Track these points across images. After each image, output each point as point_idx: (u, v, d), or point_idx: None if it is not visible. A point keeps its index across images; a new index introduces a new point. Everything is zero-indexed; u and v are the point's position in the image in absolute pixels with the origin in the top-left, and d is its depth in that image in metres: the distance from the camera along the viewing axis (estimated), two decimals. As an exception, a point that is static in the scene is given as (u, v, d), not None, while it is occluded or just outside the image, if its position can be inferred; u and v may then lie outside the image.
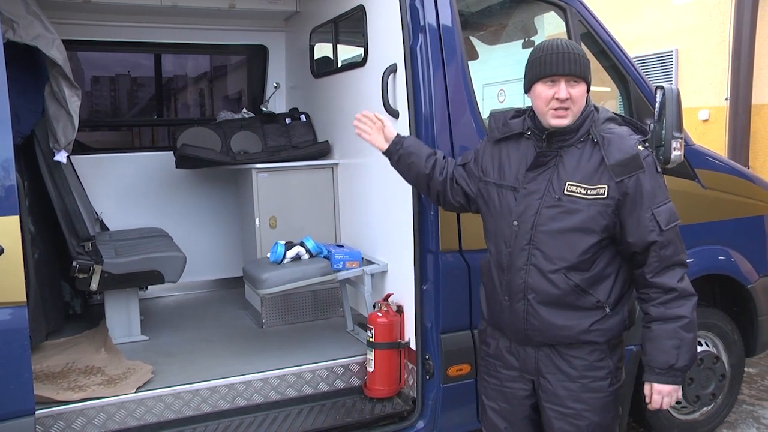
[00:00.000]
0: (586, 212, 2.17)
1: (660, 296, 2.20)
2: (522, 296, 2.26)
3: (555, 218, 2.20)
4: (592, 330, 2.23)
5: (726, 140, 7.46)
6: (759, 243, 3.94)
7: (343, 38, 4.20)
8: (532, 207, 2.23)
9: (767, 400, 4.44)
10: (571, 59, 2.16)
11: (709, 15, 7.70)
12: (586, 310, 2.23)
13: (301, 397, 3.24)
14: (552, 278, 2.20)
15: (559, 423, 2.31)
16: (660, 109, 3.22)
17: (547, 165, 2.25)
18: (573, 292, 2.20)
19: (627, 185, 2.15)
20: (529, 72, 2.24)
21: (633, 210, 2.16)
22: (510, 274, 2.28)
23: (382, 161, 3.54)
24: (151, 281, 3.91)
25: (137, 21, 4.70)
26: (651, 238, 2.16)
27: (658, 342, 2.20)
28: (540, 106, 2.22)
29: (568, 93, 2.15)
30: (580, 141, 2.23)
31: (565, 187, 2.20)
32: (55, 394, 2.93)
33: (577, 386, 2.27)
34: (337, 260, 3.66)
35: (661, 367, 2.20)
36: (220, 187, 5.01)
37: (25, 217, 3.28)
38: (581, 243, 2.18)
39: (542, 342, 2.29)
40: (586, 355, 2.27)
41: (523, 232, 2.24)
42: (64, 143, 3.62)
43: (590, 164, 2.19)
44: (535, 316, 2.24)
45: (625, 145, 2.19)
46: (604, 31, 3.43)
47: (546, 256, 2.21)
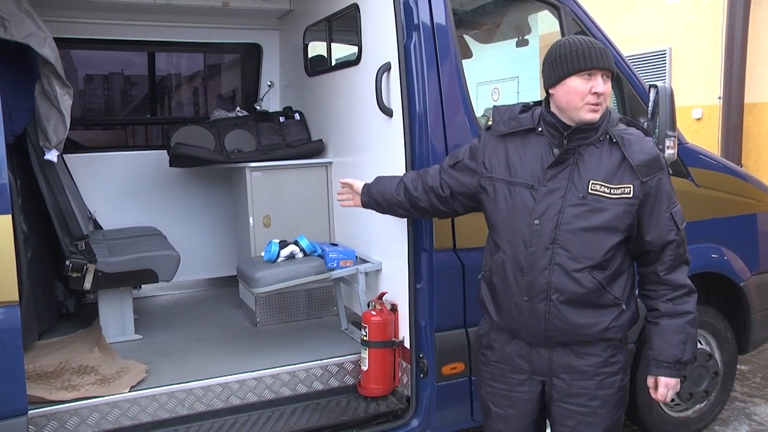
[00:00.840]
0: (612, 211, 2.17)
1: (669, 293, 2.26)
2: (545, 296, 2.22)
3: (581, 216, 2.18)
4: (611, 327, 2.24)
5: (719, 139, 7.49)
6: (751, 241, 3.96)
7: (337, 37, 4.19)
8: (555, 205, 2.20)
9: (759, 397, 4.46)
10: (606, 54, 2.16)
11: (702, 14, 7.73)
12: (606, 308, 2.23)
13: (295, 395, 3.24)
14: (577, 277, 2.18)
15: (573, 420, 2.29)
16: (653, 107, 3.23)
17: (566, 163, 2.22)
18: (596, 290, 2.20)
19: (650, 185, 2.19)
20: (560, 66, 2.18)
21: (653, 210, 2.20)
22: (532, 274, 2.23)
23: (375, 160, 3.56)
24: (145, 280, 3.90)
25: (130, 19, 4.68)
26: (670, 237, 2.22)
27: (667, 336, 2.25)
28: (574, 100, 2.16)
29: (603, 88, 2.15)
30: (599, 140, 2.22)
31: (588, 185, 2.18)
32: (48, 394, 2.91)
33: (593, 384, 2.27)
34: (332, 259, 3.65)
35: (669, 360, 2.26)
36: (214, 186, 5.00)
37: (17, 216, 3.26)
38: (607, 241, 2.18)
39: (560, 342, 2.27)
40: (600, 352, 2.27)
41: (547, 231, 2.20)
42: (55, 142, 3.60)
43: (611, 163, 2.19)
44: (558, 316, 2.21)
45: (647, 147, 2.22)
46: (597, 29, 3.44)
47: (571, 255, 2.18)
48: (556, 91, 2.21)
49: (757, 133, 7.35)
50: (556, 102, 2.24)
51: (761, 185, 4.11)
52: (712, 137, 7.59)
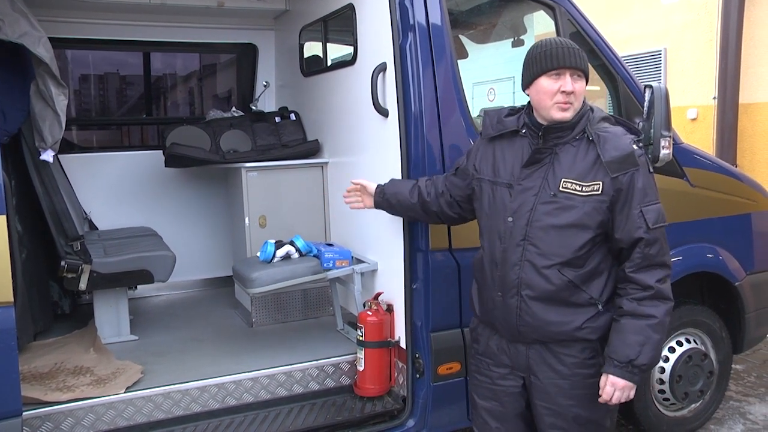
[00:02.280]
0: (582, 208, 2.19)
1: (636, 292, 2.21)
2: (516, 292, 2.27)
3: (551, 214, 2.22)
4: (584, 327, 2.25)
5: (714, 139, 7.52)
6: (746, 241, 3.97)
7: (332, 37, 4.19)
8: (528, 203, 2.25)
9: (754, 396, 4.48)
10: (575, 54, 2.20)
11: (697, 15, 7.76)
12: (579, 307, 2.24)
13: (291, 396, 3.24)
14: (546, 273, 2.22)
15: (550, 419, 2.33)
16: (649, 107, 3.23)
17: (542, 162, 2.26)
18: (566, 288, 2.22)
19: (621, 182, 2.18)
20: (531, 67, 2.25)
21: (623, 206, 2.19)
22: (504, 269, 2.29)
23: (371, 160, 3.56)
24: (141, 281, 3.89)
25: (125, 19, 4.67)
26: (637, 234, 2.18)
27: (624, 335, 2.20)
28: (544, 99, 2.22)
29: (573, 86, 2.18)
30: (575, 139, 2.25)
31: (560, 183, 2.21)
32: (43, 395, 2.90)
33: (568, 383, 2.29)
34: (327, 259, 3.65)
35: (620, 360, 2.19)
36: (210, 186, 4.99)
37: (12, 217, 3.25)
38: (577, 239, 2.20)
39: (534, 339, 2.30)
40: (577, 353, 2.28)
41: (518, 228, 2.26)
42: (50, 142, 3.59)
43: (585, 162, 2.21)
44: (528, 312, 2.25)
45: (621, 143, 2.22)
46: (593, 30, 3.45)
47: (541, 251, 2.22)
48: (530, 92, 2.29)
49: (752, 134, 7.38)
50: (531, 102, 2.32)
51: (756, 185, 4.12)
52: (707, 137, 7.62)
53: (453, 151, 3.05)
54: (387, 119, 3.20)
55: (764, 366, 4.98)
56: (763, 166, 7.29)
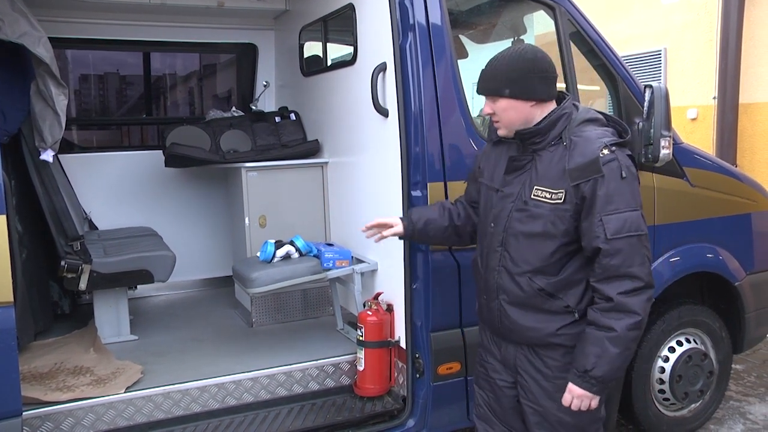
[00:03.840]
0: (548, 217, 2.18)
1: (600, 302, 2.14)
2: (495, 296, 2.34)
3: (521, 221, 2.24)
4: (559, 334, 2.24)
5: (714, 139, 7.52)
6: (746, 241, 3.97)
7: (332, 37, 4.19)
8: (506, 209, 2.29)
9: (754, 396, 4.48)
10: (486, 78, 2.28)
11: (697, 15, 7.76)
12: (554, 314, 2.24)
13: (291, 396, 3.24)
14: (518, 280, 2.26)
15: (535, 418, 2.37)
16: (649, 107, 3.24)
17: (523, 168, 2.29)
18: (537, 295, 2.22)
19: (584, 190, 2.11)
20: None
21: (588, 215, 2.12)
22: (486, 273, 2.37)
23: (371, 160, 3.56)
24: (141, 281, 3.89)
25: (125, 19, 4.67)
26: (595, 244, 2.10)
27: (583, 345, 2.16)
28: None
29: (490, 109, 2.28)
30: (551, 144, 2.22)
31: (532, 191, 2.22)
32: (42, 395, 2.90)
33: (551, 386, 2.30)
34: (327, 259, 3.65)
35: (578, 369, 2.16)
36: (210, 186, 4.99)
37: (12, 217, 3.25)
38: (544, 248, 2.20)
39: (516, 341, 2.36)
40: (559, 357, 2.28)
41: (497, 234, 2.31)
42: (50, 142, 3.59)
43: (558, 168, 2.17)
44: (506, 315, 2.32)
45: (588, 149, 2.13)
46: (593, 30, 3.45)
47: (512, 258, 2.27)
48: None
49: (752, 133, 7.38)
50: None
51: (756, 185, 4.12)
52: (707, 137, 7.61)
53: (453, 151, 3.05)
54: (387, 119, 3.20)
55: (764, 366, 4.98)
56: (763, 166, 7.28)
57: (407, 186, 3.03)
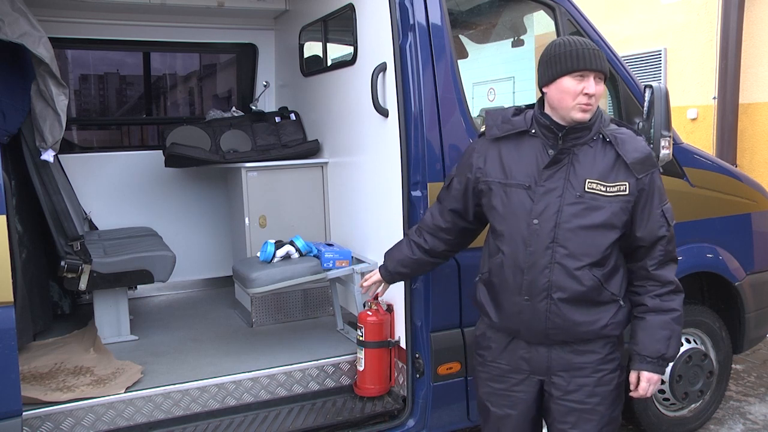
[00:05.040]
0: (609, 208, 2.21)
1: (657, 288, 2.29)
2: (545, 295, 2.24)
3: (579, 215, 2.21)
4: (609, 324, 2.28)
5: (714, 139, 7.52)
6: (746, 241, 3.97)
7: (332, 37, 4.19)
8: (553, 205, 2.23)
9: (754, 396, 4.48)
10: (599, 56, 2.21)
11: (697, 15, 7.76)
12: (604, 305, 2.27)
13: (291, 396, 3.24)
14: (578, 275, 2.21)
15: (573, 417, 2.31)
16: (649, 107, 3.24)
17: (561, 163, 2.25)
18: (596, 287, 2.24)
19: (644, 182, 2.24)
20: (554, 65, 2.21)
21: (645, 206, 2.25)
22: (532, 273, 2.25)
23: (371, 160, 3.56)
24: (141, 281, 3.88)
25: (126, 19, 4.67)
26: (661, 233, 2.26)
27: (652, 331, 2.28)
28: (566, 99, 2.20)
29: (595, 89, 2.19)
30: (592, 140, 2.26)
31: (584, 184, 2.22)
32: (42, 395, 2.90)
33: (592, 381, 2.30)
34: (327, 259, 3.65)
35: (652, 356, 2.28)
36: (210, 186, 4.99)
37: (12, 217, 3.25)
38: (605, 239, 2.22)
39: (560, 340, 2.29)
40: (599, 349, 2.30)
41: (546, 231, 2.23)
42: (51, 142, 3.59)
43: (605, 162, 2.23)
44: (558, 314, 2.24)
45: (640, 145, 2.27)
46: (593, 30, 3.45)
47: (571, 253, 2.21)
48: (549, 90, 2.25)
49: (752, 134, 7.38)
50: (548, 101, 2.28)
51: (756, 185, 4.12)
52: (707, 137, 7.62)
53: (453, 151, 3.05)
54: (387, 119, 3.20)
55: (764, 366, 4.99)
56: (762, 166, 7.29)
57: (407, 186, 3.03)
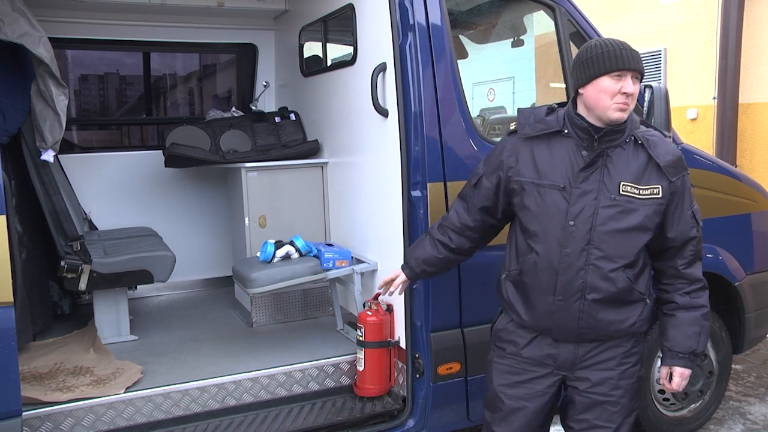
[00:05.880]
0: (643, 211, 2.24)
1: (686, 286, 2.35)
2: (580, 296, 2.26)
3: (615, 218, 2.23)
4: (637, 322, 2.33)
5: (714, 139, 7.52)
6: (746, 241, 3.97)
7: (332, 37, 4.19)
8: (589, 207, 2.24)
9: (754, 396, 4.48)
10: (636, 57, 2.23)
11: (697, 15, 7.76)
12: (633, 303, 2.31)
13: (291, 396, 3.24)
14: (612, 276, 2.24)
15: (597, 409, 2.35)
16: (649, 107, 3.25)
17: (596, 165, 2.26)
18: (628, 288, 2.27)
19: (677, 185, 2.28)
20: (592, 66, 2.21)
21: (677, 208, 2.29)
22: (567, 274, 2.26)
23: (371, 160, 3.56)
24: (141, 281, 3.88)
25: (125, 19, 4.67)
26: (692, 234, 2.32)
27: (683, 328, 2.35)
28: (603, 99, 2.20)
29: (633, 88, 2.20)
30: (625, 142, 2.27)
31: (619, 187, 2.23)
32: (42, 395, 2.90)
33: (616, 374, 2.35)
34: (327, 259, 3.65)
35: (684, 351, 2.35)
36: (210, 187, 4.99)
37: (12, 217, 3.25)
38: (639, 240, 2.26)
39: (591, 338, 2.33)
40: (625, 343, 2.36)
41: (582, 233, 2.24)
42: (51, 142, 3.59)
43: (637, 164, 2.26)
44: (591, 314, 2.27)
45: (671, 148, 2.31)
46: (593, 30, 3.44)
47: (606, 255, 2.23)
48: (586, 91, 2.25)
49: (752, 134, 7.38)
50: (585, 101, 2.27)
51: (756, 185, 4.12)
52: (706, 137, 7.62)
53: (453, 152, 3.05)
54: (387, 119, 3.20)
55: (764, 366, 4.99)
56: (762, 166, 7.29)
57: (407, 186, 3.03)
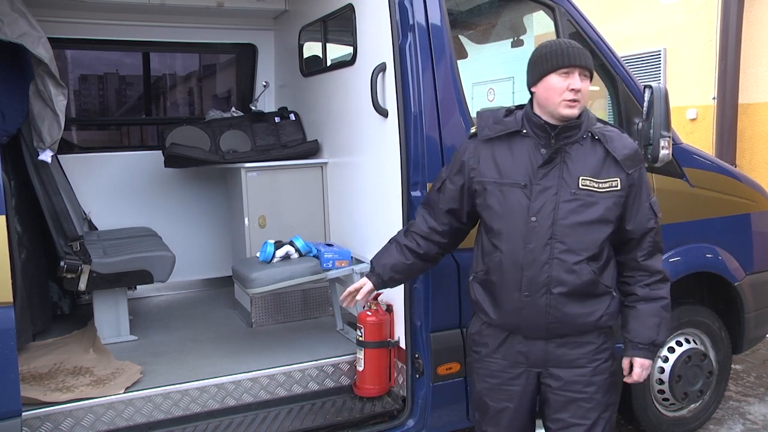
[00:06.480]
0: (603, 204, 2.29)
1: (646, 278, 2.40)
2: (545, 290, 2.29)
3: (576, 211, 2.28)
4: (604, 315, 2.35)
5: (713, 139, 7.52)
6: (746, 241, 3.97)
7: (332, 37, 4.19)
8: (550, 202, 2.29)
9: (753, 396, 4.48)
10: (584, 54, 2.29)
11: (697, 15, 7.76)
12: (599, 297, 2.34)
13: (290, 396, 3.24)
14: (576, 269, 2.28)
15: (572, 407, 2.37)
16: (648, 108, 3.25)
17: (554, 161, 2.31)
18: (593, 281, 2.30)
19: (634, 177, 2.33)
20: (541, 64, 2.30)
21: (635, 200, 2.34)
22: (532, 269, 2.29)
23: (371, 160, 3.56)
24: (140, 281, 3.88)
25: (125, 19, 4.67)
26: (650, 225, 2.36)
27: (643, 320, 2.39)
28: (552, 97, 2.27)
29: (581, 84, 2.25)
30: (582, 138, 2.33)
31: (578, 181, 2.28)
32: (42, 395, 2.90)
33: (588, 371, 2.37)
34: (327, 259, 3.65)
35: (644, 342, 2.39)
36: (209, 187, 4.99)
37: (11, 217, 3.25)
38: (601, 233, 2.30)
39: (559, 333, 2.35)
40: (594, 339, 2.38)
41: (544, 228, 2.28)
42: (49, 142, 3.59)
43: (595, 159, 2.31)
44: (558, 308, 2.30)
45: (627, 142, 2.37)
46: (592, 30, 3.44)
47: (569, 248, 2.28)
48: (537, 89, 2.34)
49: (751, 134, 7.38)
50: (537, 100, 2.35)
51: (755, 185, 4.12)
52: (706, 137, 7.62)
53: (452, 151, 3.03)
54: (386, 119, 3.20)
55: (763, 366, 4.99)
56: (762, 166, 7.29)
57: (407, 186, 3.03)
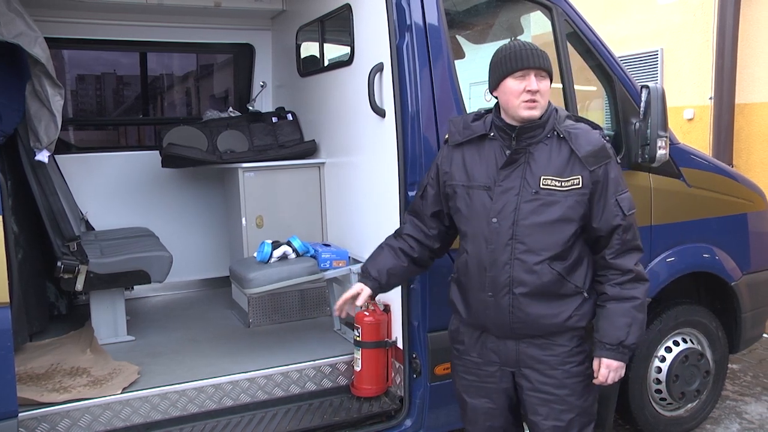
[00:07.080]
0: (565, 203, 2.27)
1: (617, 277, 2.33)
2: (507, 290, 2.31)
3: (536, 211, 2.28)
4: (573, 316, 2.33)
5: (710, 139, 7.52)
6: (742, 241, 3.98)
7: (329, 37, 4.19)
8: (511, 203, 2.31)
9: (750, 395, 4.49)
10: (539, 54, 2.28)
11: (693, 15, 7.77)
12: (567, 298, 2.32)
13: (288, 396, 3.24)
14: (537, 269, 2.28)
15: (544, 409, 2.38)
16: (645, 108, 3.25)
17: (518, 162, 2.32)
18: (557, 281, 2.29)
19: (598, 174, 2.28)
20: (497, 69, 2.33)
21: (600, 197, 2.30)
22: (494, 270, 2.33)
23: (368, 160, 3.56)
24: (138, 281, 3.88)
25: (122, 19, 4.66)
26: (615, 222, 2.29)
27: (612, 319, 2.32)
28: (511, 100, 2.29)
29: (537, 85, 2.25)
30: (547, 137, 2.32)
31: (540, 181, 2.28)
32: (39, 396, 2.90)
33: (560, 373, 2.35)
34: (324, 259, 3.65)
35: (612, 343, 2.32)
36: (207, 187, 4.99)
37: (8, 217, 3.25)
38: (563, 233, 2.28)
39: (526, 334, 2.35)
40: (566, 342, 2.36)
41: (505, 228, 2.30)
42: (46, 142, 3.58)
43: (560, 158, 2.30)
44: (521, 308, 2.31)
45: (593, 138, 2.32)
46: (590, 30, 3.45)
47: (530, 248, 2.28)
48: (498, 94, 2.37)
49: (748, 134, 7.39)
50: (500, 104, 2.37)
51: (752, 185, 4.13)
52: (703, 137, 7.62)
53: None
54: (384, 119, 3.20)
55: (760, 365, 5.00)
56: (759, 166, 7.30)
57: (404, 186, 3.03)
